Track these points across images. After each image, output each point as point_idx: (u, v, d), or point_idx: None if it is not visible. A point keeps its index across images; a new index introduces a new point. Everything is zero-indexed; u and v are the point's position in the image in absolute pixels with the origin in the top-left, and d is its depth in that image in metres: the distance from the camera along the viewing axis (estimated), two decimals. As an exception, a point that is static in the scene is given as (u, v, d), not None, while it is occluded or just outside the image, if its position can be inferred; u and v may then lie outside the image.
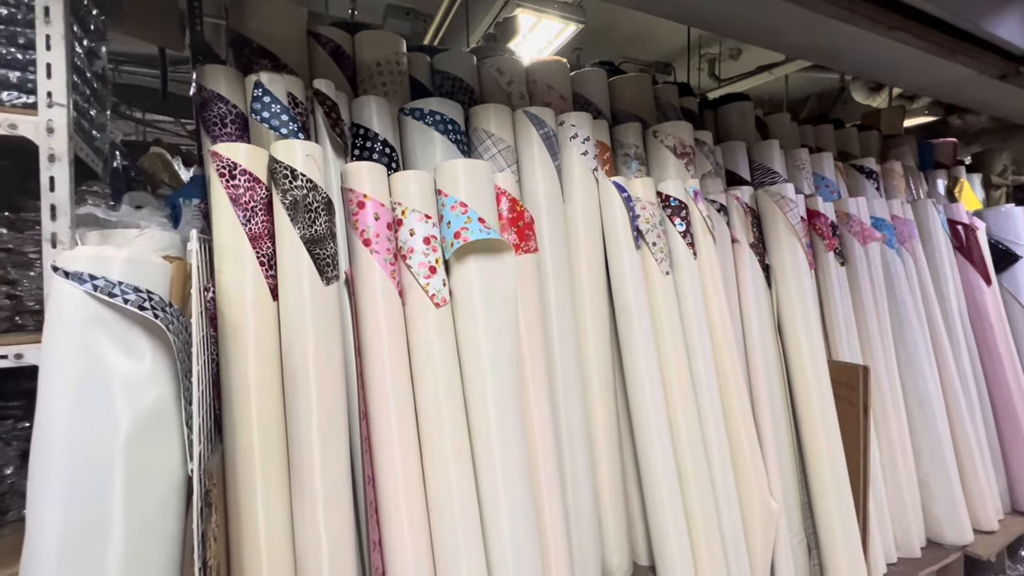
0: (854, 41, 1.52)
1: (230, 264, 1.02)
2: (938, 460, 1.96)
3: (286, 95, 1.17)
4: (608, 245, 1.51)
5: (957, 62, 1.65)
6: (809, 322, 1.67)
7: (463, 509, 1.14)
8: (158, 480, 0.82)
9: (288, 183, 1.04)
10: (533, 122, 1.45)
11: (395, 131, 1.38)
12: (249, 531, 0.96)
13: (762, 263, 1.73)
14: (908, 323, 2.01)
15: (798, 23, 1.43)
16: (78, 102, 0.99)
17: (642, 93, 1.81)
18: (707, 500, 1.46)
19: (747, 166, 1.97)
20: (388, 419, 1.12)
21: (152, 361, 0.83)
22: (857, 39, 1.48)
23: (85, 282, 0.79)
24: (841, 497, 1.59)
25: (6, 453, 1.01)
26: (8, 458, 1.01)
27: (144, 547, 0.79)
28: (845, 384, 1.67)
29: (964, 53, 1.63)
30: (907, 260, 2.13)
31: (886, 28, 1.42)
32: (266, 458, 0.98)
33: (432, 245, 1.19)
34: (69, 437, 0.76)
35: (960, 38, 1.59)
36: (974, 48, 1.64)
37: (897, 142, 2.68)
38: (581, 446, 1.43)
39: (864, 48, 1.58)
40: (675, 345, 1.49)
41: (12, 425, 1.03)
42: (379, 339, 1.13)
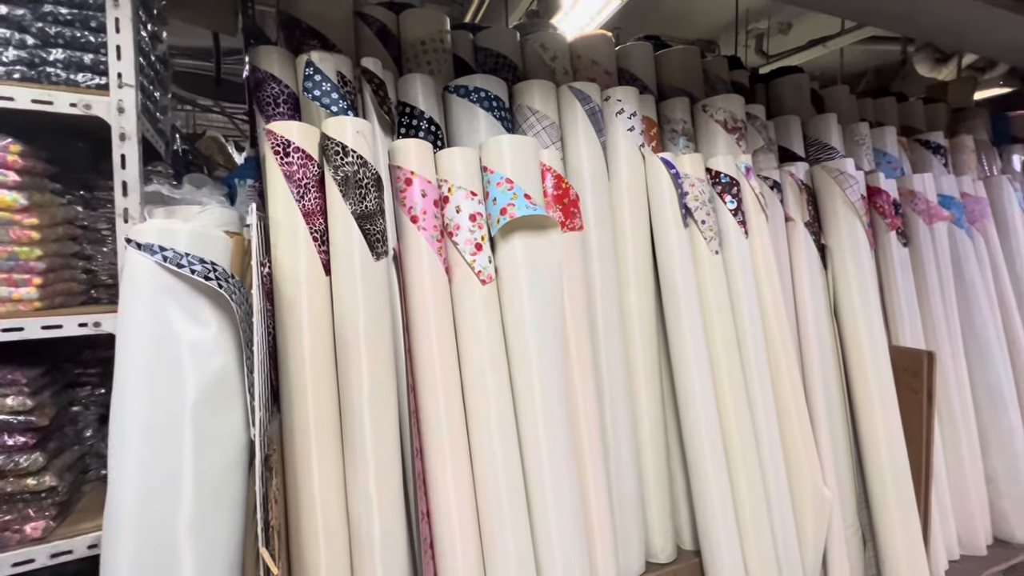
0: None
1: (285, 239, 1.05)
2: (1008, 454, 1.84)
3: (336, 74, 1.19)
4: (655, 223, 1.47)
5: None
6: (868, 305, 1.59)
7: (508, 484, 1.15)
8: (224, 442, 0.85)
9: (339, 159, 1.05)
10: (578, 97, 1.42)
11: (440, 109, 1.38)
12: (306, 496, 1.00)
13: (818, 243, 1.65)
14: (978, 308, 1.88)
15: None
16: (144, 84, 1.03)
17: (690, 67, 1.74)
18: (756, 486, 1.42)
19: (801, 142, 1.88)
20: (435, 393, 1.13)
21: (217, 329, 0.86)
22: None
23: (156, 253, 0.83)
24: (901, 489, 1.51)
25: (85, 417, 1.09)
26: (88, 421, 1.09)
27: (212, 504, 0.83)
28: (907, 371, 1.58)
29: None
30: (978, 241, 1.99)
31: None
32: (320, 426, 1.01)
33: (478, 222, 1.19)
34: (143, 400, 0.81)
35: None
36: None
37: (968, 115, 2.49)
38: (625, 427, 1.41)
39: (928, 7, 1.45)
40: (724, 327, 1.45)
41: (91, 391, 1.10)
42: (426, 315, 1.14)
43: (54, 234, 0.96)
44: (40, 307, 0.92)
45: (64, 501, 0.95)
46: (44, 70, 0.90)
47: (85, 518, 0.96)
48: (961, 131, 2.34)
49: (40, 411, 0.91)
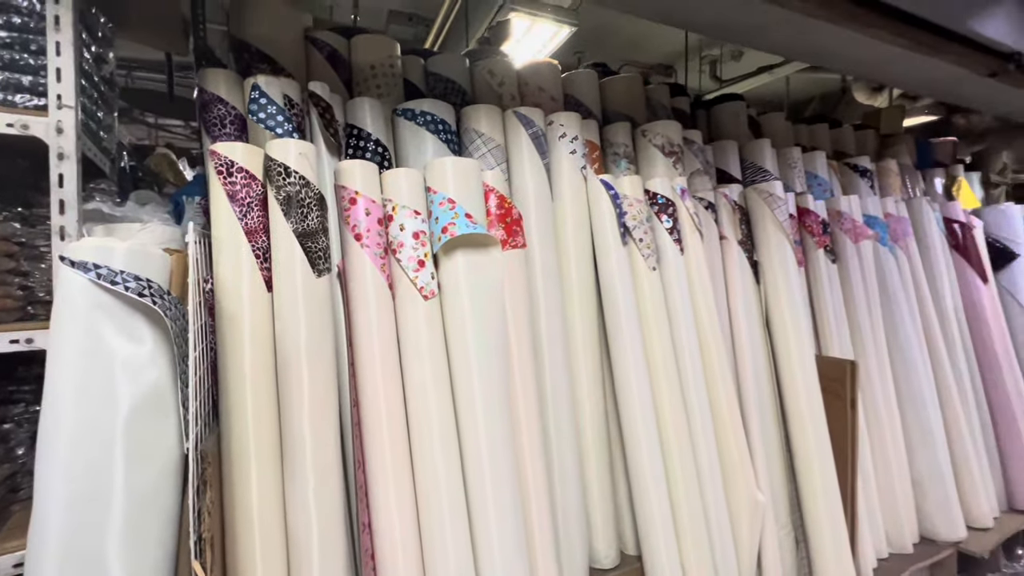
0: (839, 41, 1.55)
1: (227, 257, 1.08)
2: (931, 457, 1.96)
3: (282, 97, 1.23)
4: (596, 241, 1.54)
5: (943, 60, 1.67)
6: (797, 317, 1.70)
7: (449, 496, 1.18)
8: (156, 456, 0.87)
9: (282, 180, 1.09)
10: (522, 122, 1.50)
11: (388, 131, 1.43)
12: (243, 509, 1.01)
13: (751, 259, 1.76)
14: (901, 320, 2.02)
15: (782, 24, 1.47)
16: (86, 104, 1.05)
17: (632, 93, 1.85)
18: (693, 491, 1.49)
19: (738, 165, 2.00)
20: (378, 406, 1.16)
21: (152, 345, 0.88)
22: (840, 38, 1.51)
23: (89, 271, 0.85)
24: (828, 490, 1.61)
25: (18, 434, 1.08)
26: (20, 439, 1.07)
27: (142, 518, 0.84)
28: (833, 379, 1.69)
29: (949, 51, 1.65)
30: (901, 258, 2.14)
31: (865, 26, 1.45)
32: (260, 440, 1.03)
33: (421, 240, 1.24)
34: (74, 413, 0.82)
35: (946, 37, 1.61)
36: (960, 47, 1.66)
37: (894, 141, 2.69)
38: (569, 437, 1.47)
39: (850, 47, 1.60)
40: (662, 339, 1.52)
41: (24, 408, 1.09)
42: (369, 330, 1.18)
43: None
44: (-30, 324, 0.92)
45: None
46: (-19, 91, 0.92)
47: (12, 536, 0.96)
48: (888, 155, 2.53)
49: (-33, 429, 0.90)
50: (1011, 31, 1.70)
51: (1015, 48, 1.71)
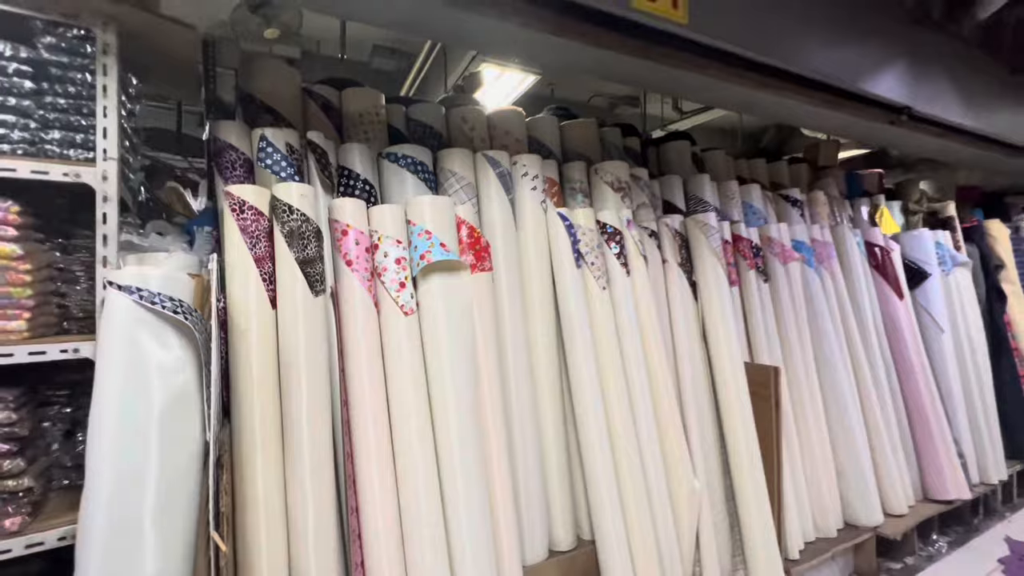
0: (758, 98, 1.85)
1: (238, 280, 1.29)
2: (852, 452, 2.24)
3: (285, 145, 1.46)
4: (554, 265, 1.79)
5: (843, 113, 1.99)
6: (729, 330, 1.96)
7: (425, 483, 1.39)
8: (184, 444, 1.07)
9: (287, 216, 1.32)
10: (490, 163, 1.75)
11: (375, 171, 1.67)
12: (250, 492, 1.21)
13: (690, 280, 2.03)
14: (825, 332, 2.32)
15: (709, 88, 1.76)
16: (121, 154, 1.26)
17: (588, 136, 2.13)
18: (638, 481, 1.72)
19: (682, 197, 2.29)
20: (364, 406, 1.38)
21: (181, 353, 1.09)
22: (754, 96, 1.81)
23: (133, 293, 1.05)
24: (756, 480, 1.86)
25: (53, 432, 1.25)
26: (54, 436, 1.25)
27: (172, 494, 1.03)
28: (760, 383, 1.96)
29: (846, 107, 1.97)
30: (825, 277, 2.45)
31: (776, 90, 1.75)
32: (265, 433, 1.23)
33: (402, 265, 1.47)
34: (119, 407, 1.02)
35: (843, 95, 1.93)
36: (855, 103, 1.98)
37: (825, 173, 3.03)
38: (532, 435, 1.69)
39: (767, 103, 1.91)
40: (611, 349, 1.77)
41: (58, 410, 1.26)
42: (357, 341, 1.39)
43: (40, 276, 1.16)
44: (27, 336, 1.11)
45: (38, 501, 1.12)
46: (43, 147, 1.12)
47: (54, 515, 1.13)
48: (817, 187, 2.86)
49: (21, 423, 1.09)
50: (901, 89, 2.03)
51: (905, 103, 2.04)
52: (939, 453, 2.46)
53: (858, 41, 1.88)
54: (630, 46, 1.43)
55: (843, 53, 1.84)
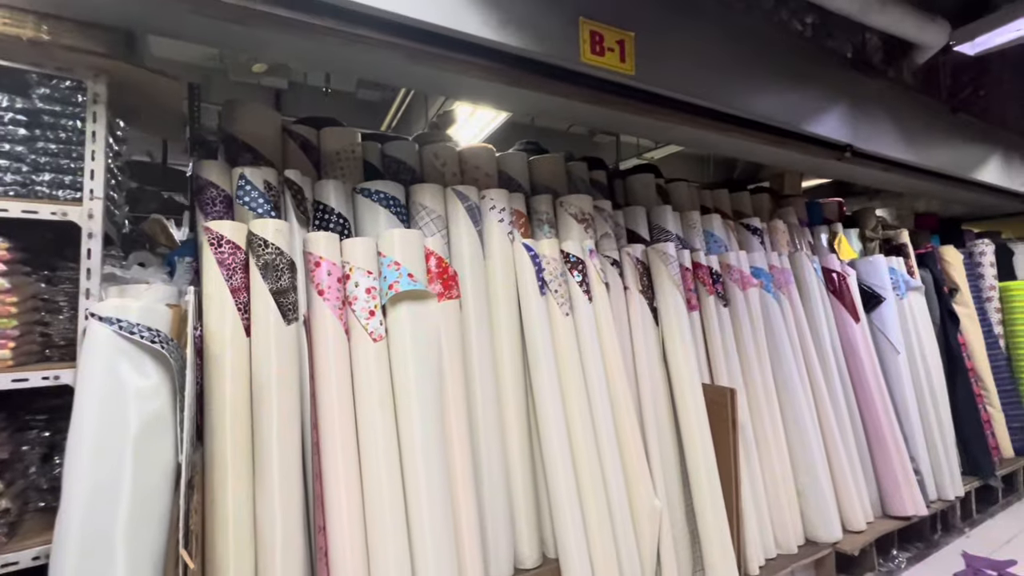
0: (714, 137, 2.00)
1: (215, 310, 1.37)
2: (811, 470, 2.33)
3: (263, 182, 1.56)
4: (520, 292, 1.90)
5: (790, 150, 2.15)
6: (688, 353, 2.07)
7: (391, 503, 1.46)
8: (157, 465, 1.14)
9: (262, 250, 1.41)
10: (459, 197, 1.87)
11: (349, 205, 1.77)
12: (221, 511, 1.27)
13: (651, 305, 2.14)
14: (784, 354, 2.43)
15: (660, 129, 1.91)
16: (107, 192, 1.35)
17: (555, 170, 2.26)
18: (600, 499, 1.79)
19: (647, 226, 2.42)
20: (333, 428, 1.45)
21: (157, 380, 1.16)
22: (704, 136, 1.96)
23: (113, 324, 1.14)
24: (714, 496, 1.94)
25: (31, 455, 1.31)
26: (32, 459, 1.31)
27: (144, 512, 1.10)
28: (719, 404, 2.06)
29: (792, 146, 2.13)
30: (783, 302, 2.58)
31: (721, 131, 1.90)
32: (236, 455, 1.30)
33: (372, 294, 1.57)
34: (95, 431, 1.09)
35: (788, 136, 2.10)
36: (800, 142, 2.15)
37: (787, 202, 3.19)
38: (497, 454, 1.77)
39: (722, 142, 2.06)
40: (574, 372, 1.87)
41: (37, 434, 1.32)
42: (328, 366, 1.48)
43: (25, 307, 1.24)
44: (11, 364, 1.18)
45: (14, 522, 1.17)
46: (33, 188, 1.21)
47: (29, 536, 1.19)
48: (777, 216, 3.02)
49: (1, 447, 1.15)
50: (842, 129, 2.20)
51: (847, 142, 2.21)
52: (896, 470, 2.56)
53: (799, 86, 2.05)
54: (584, 95, 1.57)
55: (785, 97, 2.00)
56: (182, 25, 1.21)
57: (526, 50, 1.38)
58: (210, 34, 1.25)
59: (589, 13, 1.47)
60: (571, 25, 1.44)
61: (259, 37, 1.25)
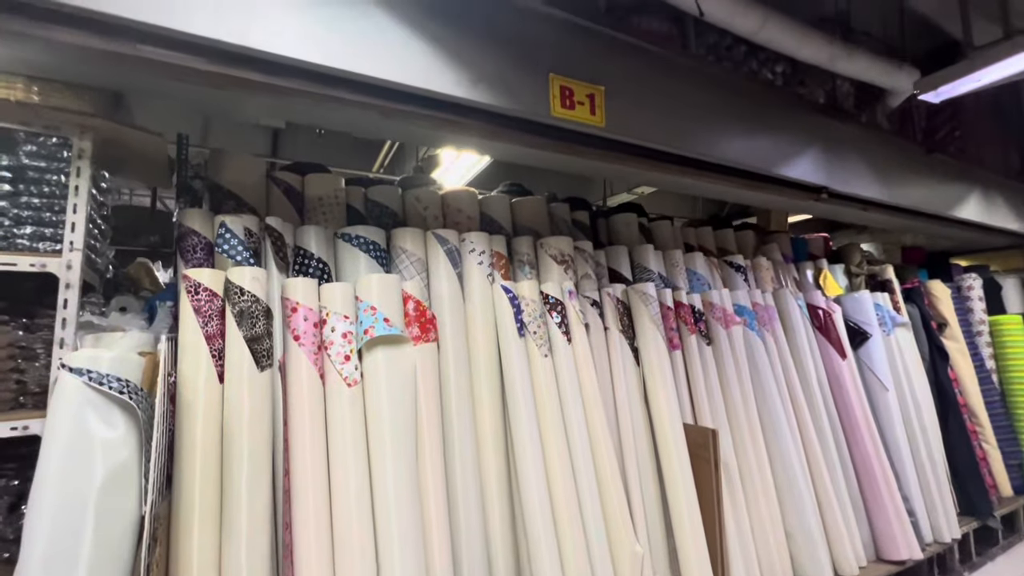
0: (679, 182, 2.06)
1: (189, 357, 1.39)
2: (800, 512, 2.29)
3: (243, 230, 1.60)
4: (499, 334, 1.91)
5: (766, 193, 2.20)
6: (669, 393, 2.07)
7: (361, 550, 1.44)
8: (120, 517, 1.13)
9: (238, 298, 1.44)
10: (439, 241, 1.91)
11: (330, 250, 1.81)
12: (184, 563, 1.25)
13: (632, 345, 2.15)
14: (770, 392, 2.42)
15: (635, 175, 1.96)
16: (88, 241, 1.39)
17: (537, 212, 2.31)
18: (580, 545, 1.76)
19: (629, 266, 2.45)
20: (305, 476, 1.44)
21: (124, 430, 1.17)
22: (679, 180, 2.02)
23: (83, 375, 1.15)
24: (696, 540, 1.90)
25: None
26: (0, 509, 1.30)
27: (105, 567, 1.09)
28: (701, 444, 2.04)
29: (768, 189, 2.19)
30: (768, 340, 2.58)
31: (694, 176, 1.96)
32: (204, 504, 1.29)
33: (348, 339, 1.58)
34: (59, 482, 1.09)
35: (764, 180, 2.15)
36: (776, 185, 2.20)
37: (770, 239, 3.23)
38: (475, 499, 1.75)
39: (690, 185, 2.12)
40: (553, 413, 1.86)
41: (5, 483, 1.32)
42: (302, 412, 1.48)
43: (1, 355, 1.26)
44: (-19, 415, 1.20)
45: (-27, 577, 1.16)
46: (14, 241, 1.25)
47: (-10, 592, 1.17)
48: (761, 253, 3.06)
49: (-34, 499, 1.15)
50: (816, 172, 2.26)
51: (821, 184, 2.26)
52: (888, 512, 2.51)
53: (771, 132, 2.12)
54: (556, 146, 1.63)
55: (757, 143, 2.07)
56: (164, 88, 1.27)
57: (498, 107, 1.44)
58: (191, 96, 1.31)
59: (559, 69, 1.54)
60: (542, 81, 1.51)
61: (237, 99, 1.31)
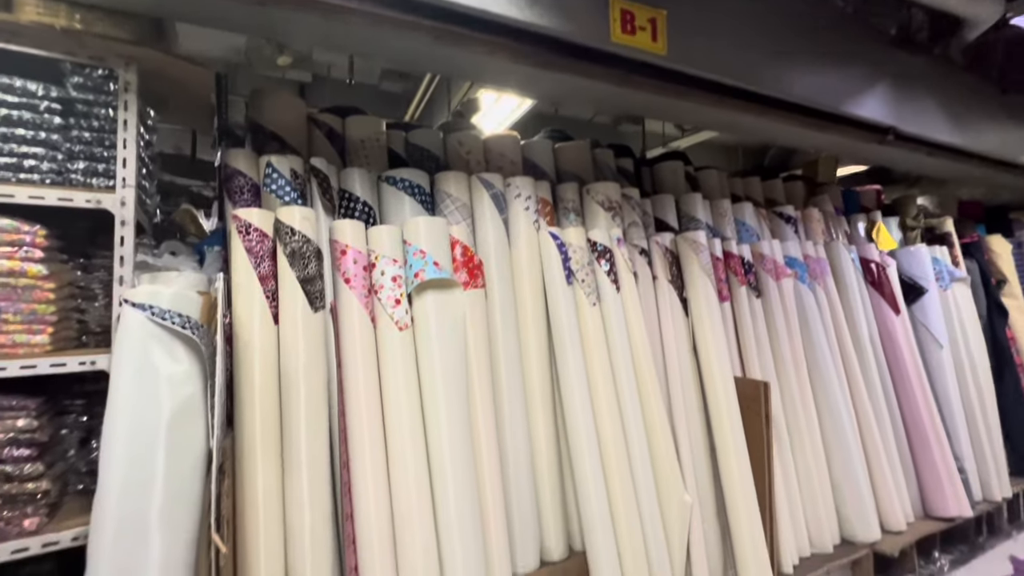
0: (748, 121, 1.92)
1: (244, 297, 1.38)
2: (848, 467, 2.25)
3: (289, 171, 1.56)
4: (546, 281, 1.86)
5: (831, 134, 2.05)
6: (719, 344, 2.01)
7: (418, 491, 1.45)
8: (189, 450, 1.15)
9: (289, 238, 1.41)
10: (484, 185, 1.84)
11: (374, 193, 1.76)
12: (250, 496, 1.28)
13: (680, 296, 2.08)
14: (819, 346, 2.34)
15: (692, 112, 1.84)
16: (139, 181, 1.37)
17: (581, 157, 2.21)
18: (628, 494, 1.75)
19: (675, 215, 2.35)
20: (360, 417, 1.45)
21: (188, 365, 1.17)
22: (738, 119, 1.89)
23: (146, 310, 1.15)
24: (746, 492, 1.88)
25: (70, 439, 1.34)
26: (71, 443, 1.34)
27: (177, 497, 1.11)
28: (751, 397, 1.99)
29: (833, 129, 2.03)
30: (819, 293, 2.48)
31: (757, 114, 1.82)
32: (265, 441, 1.31)
33: (398, 283, 1.55)
34: (129, 416, 1.10)
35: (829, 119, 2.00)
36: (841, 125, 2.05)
37: (820, 190, 3.07)
38: (523, 448, 1.74)
39: (750, 125, 1.98)
40: (601, 363, 1.82)
41: (75, 418, 1.36)
42: (354, 354, 1.47)
43: (62, 294, 1.26)
44: (50, 350, 1.21)
45: (54, 503, 1.20)
46: (68, 176, 1.23)
47: (68, 517, 1.21)
48: (812, 204, 2.91)
49: (41, 430, 1.18)
50: (885, 110, 2.09)
51: (889, 124, 2.10)
52: (939, 468, 2.45)
53: (839, 66, 1.95)
54: (613, 76, 1.52)
55: (824, 78, 1.91)
56: (208, 10, 1.20)
57: (554, 30, 1.34)
58: (236, 18, 1.24)
59: (620, -10, 1.42)
60: (601, 3, 1.39)
61: (284, 20, 1.24)
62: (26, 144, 1.21)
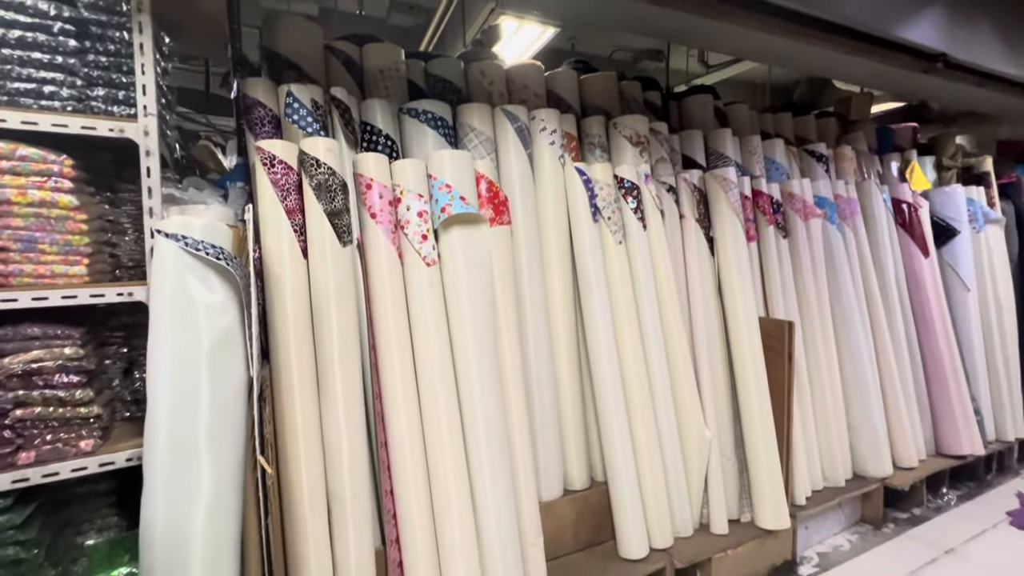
0: (780, 46, 1.80)
1: (272, 231, 1.37)
2: (865, 406, 2.28)
3: (310, 101, 1.50)
4: (571, 219, 1.83)
5: (876, 60, 1.92)
6: (744, 284, 1.99)
7: (448, 421, 1.49)
8: (230, 377, 1.17)
9: (314, 170, 1.38)
10: (508, 118, 1.77)
11: (396, 126, 1.71)
12: (290, 423, 1.32)
13: (707, 235, 2.04)
14: (844, 288, 2.31)
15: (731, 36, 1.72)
16: (159, 110, 1.33)
17: (607, 90, 2.11)
18: (650, 427, 1.80)
19: (703, 152, 2.27)
20: (391, 349, 1.47)
21: (224, 296, 1.18)
22: (780, 44, 1.77)
23: (179, 240, 1.14)
24: (765, 429, 1.92)
25: (113, 369, 1.38)
26: (115, 373, 1.38)
27: (224, 420, 1.15)
28: (774, 337, 1.99)
29: (879, 54, 1.90)
30: (848, 234, 2.42)
31: (800, 37, 1.70)
32: (301, 371, 1.34)
33: (424, 218, 1.53)
34: (171, 346, 1.12)
35: (876, 43, 1.86)
36: (887, 50, 1.91)
37: (853, 128, 2.93)
38: (548, 380, 1.78)
39: (791, 51, 1.86)
40: (626, 300, 1.82)
41: (116, 349, 1.39)
42: (383, 289, 1.47)
43: (95, 226, 1.26)
44: (87, 281, 1.22)
45: (106, 427, 1.26)
46: (89, 104, 1.20)
47: (120, 440, 1.27)
48: (845, 142, 2.78)
49: (88, 359, 1.21)
50: (937, 35, 1.94)
51: (941, 50, 1.96)
52: (954, 409, 2.48)
53: (891, -17, 1.80)
54: (650, -8, 1.41)
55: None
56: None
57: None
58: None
59: None
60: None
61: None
62: (44, 69, 1.17)
